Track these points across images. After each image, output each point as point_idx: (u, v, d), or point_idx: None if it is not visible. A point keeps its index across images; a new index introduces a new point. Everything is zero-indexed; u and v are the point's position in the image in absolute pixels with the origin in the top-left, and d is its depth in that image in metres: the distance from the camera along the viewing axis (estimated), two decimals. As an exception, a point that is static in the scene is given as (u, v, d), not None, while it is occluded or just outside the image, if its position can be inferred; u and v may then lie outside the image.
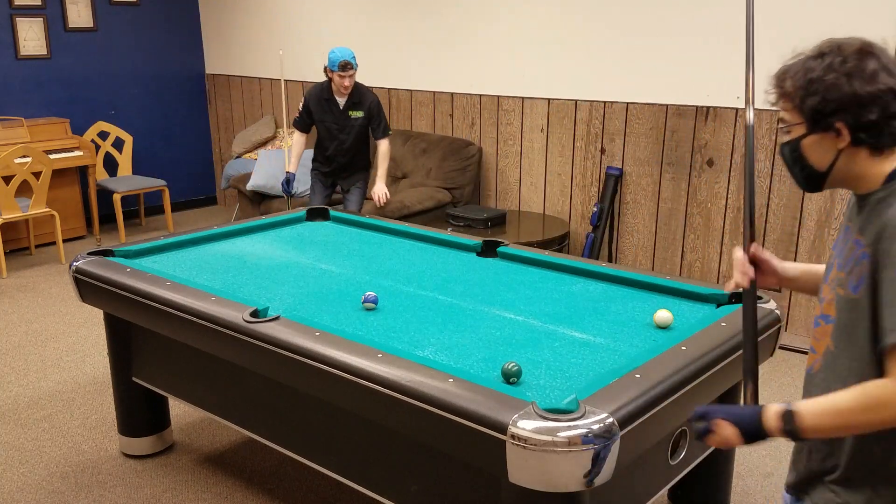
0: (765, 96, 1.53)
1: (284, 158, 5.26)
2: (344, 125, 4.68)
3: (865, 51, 1.42)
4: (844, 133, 1.42)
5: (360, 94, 4.65)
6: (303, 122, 4.77)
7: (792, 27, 3.95)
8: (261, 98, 6.87)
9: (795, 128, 1.47)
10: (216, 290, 2.64)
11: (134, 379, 3.06)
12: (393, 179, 5.41)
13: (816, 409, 1.36)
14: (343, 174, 4.82)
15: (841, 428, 1.36)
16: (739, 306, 2.41)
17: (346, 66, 4.48)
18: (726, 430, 1.43)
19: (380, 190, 4.74)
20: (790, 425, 1.37)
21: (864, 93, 1.38)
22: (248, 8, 6.75)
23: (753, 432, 1.41)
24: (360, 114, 4.67)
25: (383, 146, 4.78)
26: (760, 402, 1.49)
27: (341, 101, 4.64)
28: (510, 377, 1.96)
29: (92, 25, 6.52)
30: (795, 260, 4.15)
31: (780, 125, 1.51)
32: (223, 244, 3.31)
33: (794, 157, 1.50)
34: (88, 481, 3.02)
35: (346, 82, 4.52)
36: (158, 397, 3.12)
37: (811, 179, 1.50)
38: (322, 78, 4.82)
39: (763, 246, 1.67)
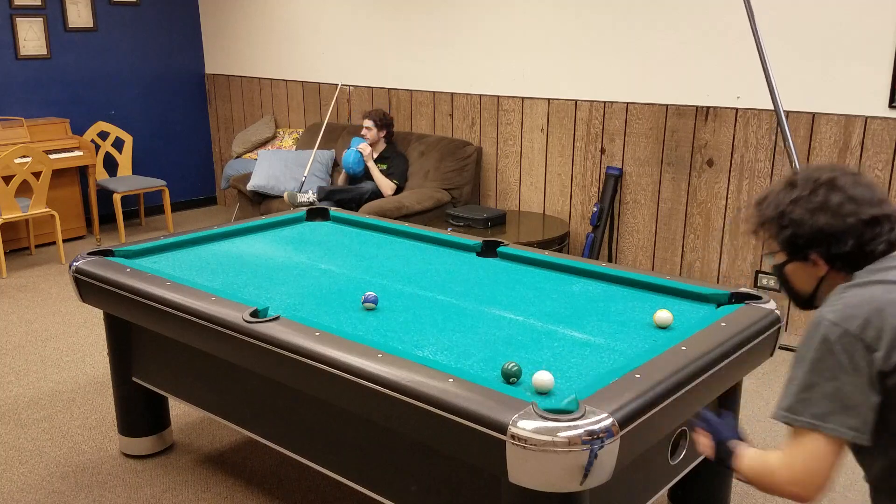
0: (746, 225, 1.56)
1: (306, 163, 5.61)
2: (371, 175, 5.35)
3: (831, 183, 1.44)
4: (820, 263, 1.45)
5: (390, 151, 5.38)
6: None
7: (792, 27, 3.95)
8: (261, 98, 6.87)
9: (777, 255, 1.52)
10: (216, 290, 2.64)
11: (134, 379, 3.06)
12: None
13: (745, 458, 1.57)
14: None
15: (751, 482, 1.56)
16: (740, 306, 2.42)
17: (365, 117, 5.33)
18: (706, 442, 1.64)
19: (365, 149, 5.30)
20: (729, 461, 1.59)
21: (829, 228, 1.41)
22: (248, 8, 6.75)
23: (721, 455, 1.62)
24: (384, 166, 5.30)
25: (388, 189, 5.24)
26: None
27: (374, 155, 5.38)
28: (510, 377, 1.96)
29: (92, 25, 6.52)
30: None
31: (765, 251, 1.56)
32: (223, 244, 3.31)
33: (781, 280, 1.56)
34: (88, 481, 3.03)
35: (363, 131, 5.33)
36: (158, 397, 3.12)
37: (799, 301, 1.56)
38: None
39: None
